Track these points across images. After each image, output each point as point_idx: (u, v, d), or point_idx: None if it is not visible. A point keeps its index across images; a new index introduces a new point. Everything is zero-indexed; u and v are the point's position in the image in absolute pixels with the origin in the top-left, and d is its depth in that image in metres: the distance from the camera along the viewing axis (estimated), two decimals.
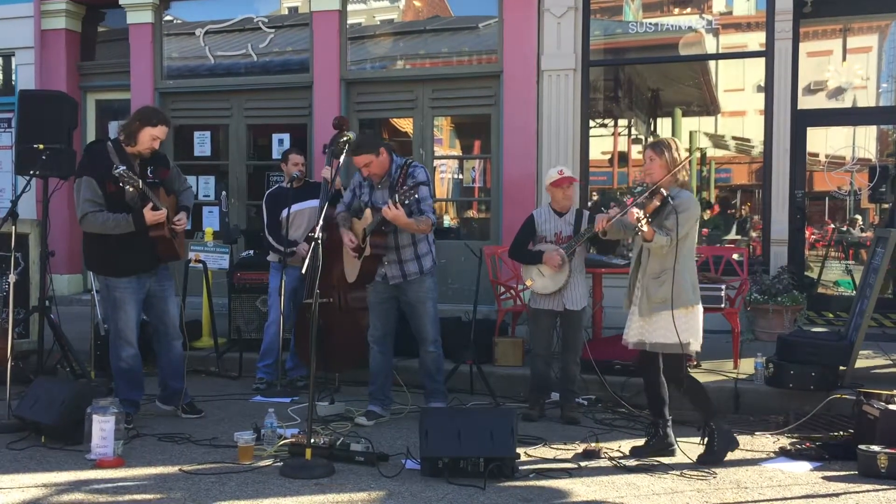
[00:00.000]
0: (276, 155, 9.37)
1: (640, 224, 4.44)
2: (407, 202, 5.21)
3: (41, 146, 6.10)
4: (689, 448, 4.83)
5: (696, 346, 4.73)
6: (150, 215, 5.18)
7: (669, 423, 4.84)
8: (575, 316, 5.67)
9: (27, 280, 6.73)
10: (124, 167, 5.10)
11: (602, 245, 5.66)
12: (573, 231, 5.65)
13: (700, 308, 4.75)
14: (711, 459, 4.66)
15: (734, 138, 9.54)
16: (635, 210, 4.50)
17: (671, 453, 4.80)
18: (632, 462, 4.69)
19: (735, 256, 7.39)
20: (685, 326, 4.61)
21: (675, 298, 4.57)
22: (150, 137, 5.30)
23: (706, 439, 4.75)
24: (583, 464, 4.66)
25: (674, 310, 4.56)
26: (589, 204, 8.55)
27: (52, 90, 8.49)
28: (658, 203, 4.61)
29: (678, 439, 4.86)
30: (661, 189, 4.63)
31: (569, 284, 5.59)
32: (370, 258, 5.47)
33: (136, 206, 5.18)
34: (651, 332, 4.71)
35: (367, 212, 5.48)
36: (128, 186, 5.09)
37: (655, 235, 4.56)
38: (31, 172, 6.17)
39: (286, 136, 9.57)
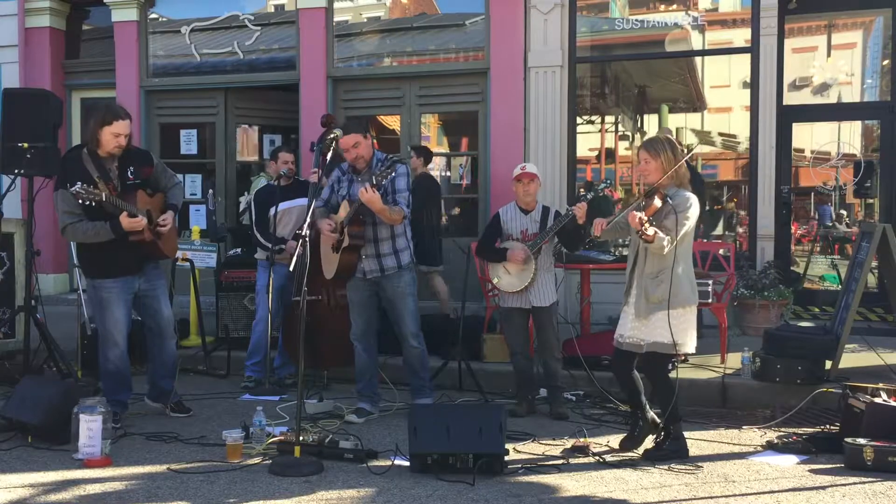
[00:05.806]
0: (265, 154, 9.35)
1: (643, 228, 4.32)
2: (384, 182, 5.21)
3: (25, 145, 6.06)
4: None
5: (689, 347, 4.67)
6: (126, 223, 5.03)
7: (650, 410, 4.84)
8: (544, 312, 5.68)
9: (13, 279, 6.69)
10: (80, 183, 4.88)
11: (567, 239, 5.62)
12: (539, 228, 5.66)
13: (695, 308, 4.71)
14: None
15: (720, 134, 9.60)
16: (637, 213, 4.36)
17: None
18: (621, 456, 4.70)
19: (721, 252, 7.42)
20: (682, 326, 4.57)
21: (673, 297, 4.51)
22: (112, 136, 5.11)
23: (659, 437, 4.73)
24: (571, 459, 4.67)
25: (670, 309, 4.50)
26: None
27: (37, 88, 8.42)
28: (658, 204, 4.49)
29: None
30: (660, 190, 4.53)
31: (535, 282, 5.59)
32: (348, 250, 5.42)
33: (116, 214, 5.05)
34: (649, 332, 4.62)
35: (345, 203, 5.44)
36: (87, 202, 4.91)
37: (657, 237, 4.44)
38: (16, 171, 6.13)
39: (277, 137, 9.55)
